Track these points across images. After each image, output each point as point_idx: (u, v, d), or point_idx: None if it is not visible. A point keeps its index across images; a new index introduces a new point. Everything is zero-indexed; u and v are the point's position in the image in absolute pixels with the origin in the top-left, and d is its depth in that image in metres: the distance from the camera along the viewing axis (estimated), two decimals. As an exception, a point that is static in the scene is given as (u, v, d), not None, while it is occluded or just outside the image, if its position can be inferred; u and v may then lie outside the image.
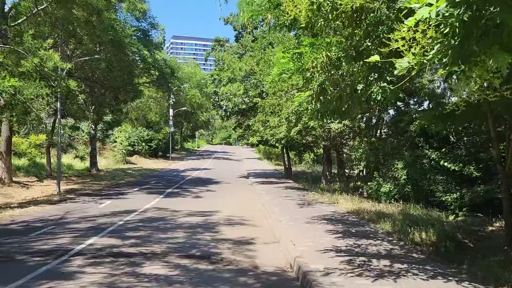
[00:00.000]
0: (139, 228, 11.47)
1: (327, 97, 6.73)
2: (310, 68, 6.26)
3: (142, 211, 14.77)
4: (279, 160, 53.45)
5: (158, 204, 16.67)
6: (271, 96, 20.84)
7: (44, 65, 14.86)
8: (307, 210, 14.61)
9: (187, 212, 14.60)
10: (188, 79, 58.91)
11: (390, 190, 16.49)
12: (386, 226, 11.06)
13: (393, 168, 16.82)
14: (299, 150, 35.17)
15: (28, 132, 38.07)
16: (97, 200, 17.10)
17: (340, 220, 12.44)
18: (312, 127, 19.69)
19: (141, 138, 48.46)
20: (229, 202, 17.88)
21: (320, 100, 6.79)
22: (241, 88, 23.61)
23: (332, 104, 7.06)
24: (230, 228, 11.93)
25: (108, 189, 21.56)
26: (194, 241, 10.06)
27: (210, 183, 26.72)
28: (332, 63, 6.20)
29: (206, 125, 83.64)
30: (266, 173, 36.50)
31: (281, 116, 19.82)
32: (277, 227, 11.61)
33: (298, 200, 17.55)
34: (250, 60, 23.81)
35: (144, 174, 32.83)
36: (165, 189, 22.23)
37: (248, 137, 25.53)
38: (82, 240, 9.79)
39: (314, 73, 6.35)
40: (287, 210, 14.63)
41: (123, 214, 13.79)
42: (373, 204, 15.31)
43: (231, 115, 30.61)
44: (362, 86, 6.16)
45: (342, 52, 6.22)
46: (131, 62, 20.50)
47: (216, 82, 30.55)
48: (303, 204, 16.20)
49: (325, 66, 6.22)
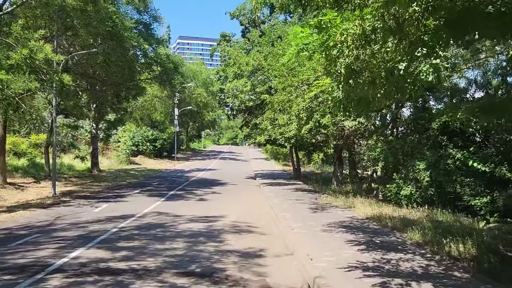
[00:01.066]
0: (133, 237, 10.18)
1: (358, 81, 5.36)
2: (338, 43, 4.89)
3: (141, 216, 13.49)
4: (286, 161, 52.08)
5: (158, 208, 15.39)
6: (280, 92, 19.48)
7: (34, 57, 13.63)
8: (321, 216, 13.23)
9: (189, 217, 13.30)
10: (194, 77, 57.63)
11: (411, 193, 15.04)
12: (415, 236, 9.66)
13: (414, 169, 15.37)
14: (308, 150, 33.75)
15: (29, 132, 37.17)
16: (93, 204, 15.86)
17: (360, 228, 11.04)
18: (324, 125, 18.31)
19: (146, 138, 47.28)
20: (235, 206, 16.57)
21: (349, 84, 5.41)
22: (248, 84, 22.27)
23: (362, 90, 5.70)
24: (236, 236, 10.60)
25: (107, 191, 20.33)
26: (195, 253, 8.74)
27: (215, 184, 25.42)
28: (367, 36, 4.82)
29: (212, 124, 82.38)
30: (274, 173, 35.14)
31: (291, 113, 18.45)
32: (289, 236, 10.26)
33: (310, 204, 16.18)
34: (258, 55, 22.48)
35: (147, 175, 31.62)
36: (168, 191, 20.97)
37: (255, 136, 24.18)
38: (66, 253, 8.51)
39: (343, 49, 4.98)
40: (299, 215, 13.27)
41: (119, 220, 12.51)
42: (394, 209, 13.89)
43: (237, 114, 29.32)
44: (405, 64, 4.78)
45: (379, 22, 4.85)
46: (131, 57, 19.23)
47: (222, 79, 29.26)
48: (316, 209, 14.82)
49: (358, 39, 4.84)
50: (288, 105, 19.13)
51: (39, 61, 14.21)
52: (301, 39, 5.13)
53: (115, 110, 29.37)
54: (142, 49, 21.27)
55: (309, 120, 18.61)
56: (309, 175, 32.80)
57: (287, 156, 53.81)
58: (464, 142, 16.28)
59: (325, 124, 18.01)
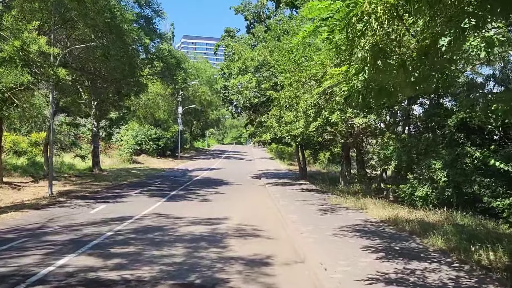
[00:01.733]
0: (129, 242, 9.36)
1: (388, 61, 4.49)
2: (365, 15, 4.03)
3: (139, 218, 12.68)
4: (292, 160, 51.21)
5: (159, 209, 14.58)
6: (286, 87, 18.62)
7: (27, 49, 12.85)
8: (332, 218, 12.36)
9: (191, 220, 12.47)
10: (198, 75, 56.79)
11: (427, 194, 14.13)
12: (437, 242, 8.77)
13: (430, 169, 14.46)
14: (315, 149, 32.85)
15: (30, 130, 36.52)
16: (90, 204, 15.08)
17: (375, 233, 10.16)
18: (333, 122, 17.42)
19: (149, 137, 46.52)
20: (239, 207, 15.74)
21: (377, 66, 4.55)
22: (253, 80, 21.40)
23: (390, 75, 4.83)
24: (241, 241, 9.76)
25: (106, 191, 19.56)
26: (196, 260, 7.91)
27: (219, 184, 24.60)
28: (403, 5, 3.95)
29: (216, 123, 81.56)
30: (279, 173, 34.28)
31: (298, 110, 17.59)
32: (298, 241, 9.41)
33: (319, 205, 15.32)
34: (263, 50, 21.61)
35: (149, 174, 30.85)
36: (170, 191, 20.16)
37: (260, 134, 23.32)
38: (54, 260, 7.70)
39: (371, 22, 4.12)
40: (308, 218, 12.41)
41: (115, 222, 11.70)
42: (409, 211, 13.00)
43: (242, 111, 28.46)
44: (448, 39, 3.91)
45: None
46: (132, 51, 18.42)
47: (226, 76, 28.42)
48: (326, 210, 13.95)
49: (389, 10, 3.98)
50: (295, 102, 18.29)
51: (33, 54, 13.43)
52: (319, 11, 4.26)
53: (116, 107, 28.58)
54: (143, 44, 20.44)
55: (317, 117, 17.76)
56: (315, 175, 31.92)
57: (292, 155, 52.94)
58: (483, 140, 15.38)
59: (334, 121, 17.11)
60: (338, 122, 17.44)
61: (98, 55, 17.55)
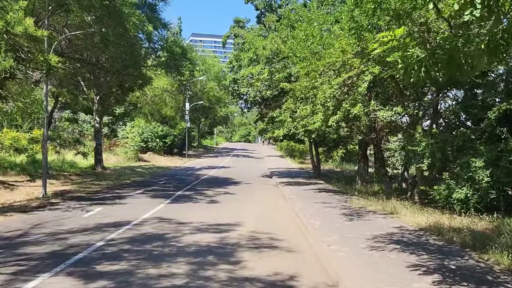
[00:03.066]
0: (121, 256, 7.73)
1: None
2: None
3: (138, 223, 11.08)
4: (303, 158, 49.50)
5: (161, 212, 12.98)
6: (303, 77, 16.90)
7: (11, 31, 11.29)
8: (360, 225, 10.64)
9: (196, 225, 10.84)
10: (206, 70, 55.13)
11: (467, 196, 12.31)
12: (503, 259, 7.00)
13: (469, 168, 12.63)
14: (329, 146, 31.04)
15: (32, 127, 35.24)
16: (85, 207, 13.51)
17: (419, 245, 8.41)
18: (355, 115, 15.67)
19: (155, 134, 45.04)
20: (251, 209, 14.08)
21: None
22: (265, 71, 19.68)
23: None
24: (256, 254, 8.09)
25: (106, 191, 18.01)
26: (201, 283, 6.26)
27: (228, 183, 22.97)
28: None
29: (224, 120, 79.95)
30: (291, 172, 32.56)
31: (316, 102, 15.85)
32: (326, 255, 7.72)
33: (341, 208, 13.59)
34: (276, 38, 19.87)
35: (154, 172, 29.31)
36: (175, 191, 18.56)
37: (272, 130, 21.60)
38: (22, 282, 6.11)
39: None
40: (332, 224, 10.70)
41: (110, 229, 10.11)
42: (451, 217, 11.22)
43: (252, 106, 26.77)
44: None
45: None
46: (133, 39, 16.79)
47: (236, 69, 26.74)
48: (351, 215, 12.22)
49: None
50: (312, 93, 16.57)
51: (19, 37, 11.88)
52: None
53: (119, 102, 27.03)
54: (146, 32, 18.78)
55: (336, 110, 16.02)
56: (329, 174, 30.21)
57: (303, 153, 51.16)
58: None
59: (356, 114, 15.35)
60: (360, 115, 15.68)
61: (96, 41, 15.91)
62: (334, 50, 15.31)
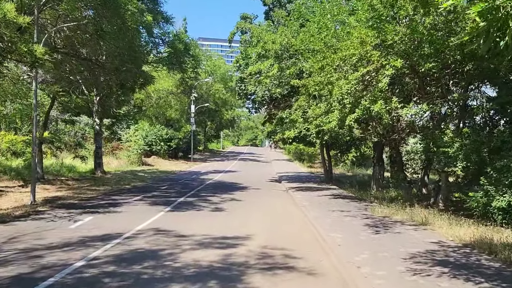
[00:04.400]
0: (100, 282, 6.20)
1: None
2: None
3: (130, 236, 9.57)
4: (311, 162, 47.88)
5: (159, 222, 11.47)
6: (316, 72, 15.36)
7: (-13, 17, 9.88)
8: (390, 239, 9.03)
9: (198, 239, 9.31)
10: (212, 72, 53.70)
11: (510, 204, 10.66)
12: None
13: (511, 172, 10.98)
14: (341, 149, 29.39)
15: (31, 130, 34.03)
16: (73, 216, 12.02)
17: (470, 267, 6.79)
18: (376, 113, 14.05)
19: (160, 137, 43.62)
20: (261, 218, 12.53)
21: None
22: (274, 67, 18.15)
23: None
24: (270, 279, 6.54)
25: (101, 198, 16.53)
26: (199, 323, 4.71)
27: (235, 188, 21.43)
28: None
29: (231, 124, 78.41)
30: (301, 176, 30.96)
31: (332, 99, 14.27)
32: (357, 282, 6.13)
33: (363, 218, 11.99)
34: (286, 31, 18.35)
35: (157, 177, 27.83)
36: (177, 197, 17.05)
37: (283, 132, 20.03)
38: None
39: None
40: (356, 238, 9.12)
41: (96, 244, 8.61)
42: (497, 229, 9.58)
43: (260, 107, 25.25)
44: None
45: None
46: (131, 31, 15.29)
47: (242, 68, 25.25)
48: (376, 226, 10.61)
49: None
50: (327, 89, 15.01)
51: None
52: None
53: (120, 103, 25.63)
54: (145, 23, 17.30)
55: (354, 107, 14.43)
56: (341, 178, 28.60)
57: (312, 156, 49.50)
58: None
59: (377, 111, 13.73)
60: (382, 113, 14.06)
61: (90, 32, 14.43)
62: (351, 42, 13.84)
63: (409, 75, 15.60)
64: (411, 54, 13.30)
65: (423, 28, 12.12)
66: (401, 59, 13.18)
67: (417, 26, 12.18)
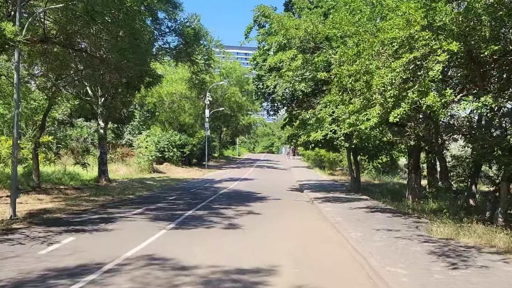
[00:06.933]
0: None
1: None
2: None
3: (112, 268, 7.03)
4: (332, 169, 45.00)
5: (156, 245, 8.92)
6: (350, 60, 12.71)
7: None
8: (478, 279, 6.25)
9: (202, 274, 6.72)
10: (227, 75, 51.39)
11: None
12: None
13: None
14: (370, 154, 26.50)
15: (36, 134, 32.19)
16: (51, 236, 9.54)
17: None
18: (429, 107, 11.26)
19: (172, 143, 41.43)
20: (286, 240, 9.88)
21: None
22: (298, 57, 15.56)
23: None
24: None
25: (95, 211, 14.07)
26: None
27: (252, 199, 18.81)
28: None
29: (247, 129, 75.85)
30: (324, 184, 28.18)
31: (373, 90, 11.57)
32: None
33: (419, 240, 9.21)
34: (312, 15, 15.77)
35: (166, 185, 25.41)
36: (184, 210, 14.51)
37: (307, 134, 17.36)
38: None
39: None
40: (428, 278, 6.37)
41: (59, 283, 6.09)
42: None
43: (280, 106, 22.66)
44: None
45: None
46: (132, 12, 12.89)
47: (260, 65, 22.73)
48: (446, 255, 7.79)
49: None
50: (364, 80, 12.32)
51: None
52: None
53: (124, 104, 23.37)
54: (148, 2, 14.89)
55: (399, 101, 11.68)
56: (368, 187, 25.83)
57: (334, 163, 46.56)
58: None
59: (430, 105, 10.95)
60: (436, 108, 11.26)
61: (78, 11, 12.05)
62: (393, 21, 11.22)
63: (463, 63, 12.90)
64: (468, 36, 10.65)
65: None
66: (456, 42, 10.46)
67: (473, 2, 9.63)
